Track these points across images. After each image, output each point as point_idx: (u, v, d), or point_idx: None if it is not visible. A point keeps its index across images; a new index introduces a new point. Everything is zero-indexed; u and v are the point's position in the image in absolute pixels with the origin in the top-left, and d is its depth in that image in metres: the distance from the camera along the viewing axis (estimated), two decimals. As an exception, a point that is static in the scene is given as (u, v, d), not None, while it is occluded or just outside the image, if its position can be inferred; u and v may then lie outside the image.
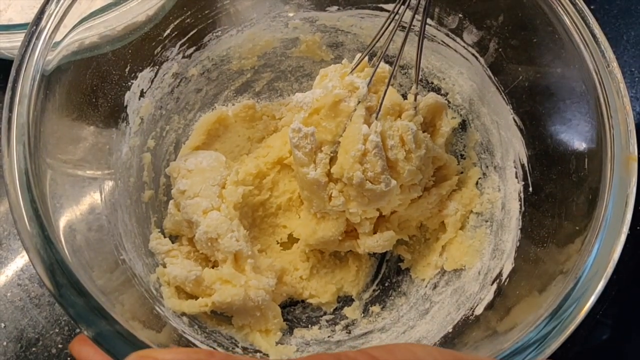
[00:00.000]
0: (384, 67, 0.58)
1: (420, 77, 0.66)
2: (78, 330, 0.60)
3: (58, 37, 0.47)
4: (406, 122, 0.56)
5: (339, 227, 0.61)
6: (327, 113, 0.56)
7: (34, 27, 0.46)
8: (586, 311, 0.40)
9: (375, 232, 0.63)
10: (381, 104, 0.55)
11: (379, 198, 0.56)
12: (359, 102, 0.55)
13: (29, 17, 0.70)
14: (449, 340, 0.53)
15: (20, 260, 0.65)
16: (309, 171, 0.56)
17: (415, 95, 0.57)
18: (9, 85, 0.44)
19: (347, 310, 0.63)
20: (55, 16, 0.47)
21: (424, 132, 0.58)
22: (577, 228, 0.46)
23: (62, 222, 0.45)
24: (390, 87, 0.56)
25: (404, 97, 0.69)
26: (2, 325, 0.62)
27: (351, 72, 0.58)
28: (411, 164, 0.56)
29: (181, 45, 0.62)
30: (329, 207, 0.58)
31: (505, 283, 0.54)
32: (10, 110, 0.43)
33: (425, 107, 0.58)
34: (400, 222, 0.64)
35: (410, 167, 0.56)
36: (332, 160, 0.57)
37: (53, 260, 0.39)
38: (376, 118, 0.55)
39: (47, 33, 0.47)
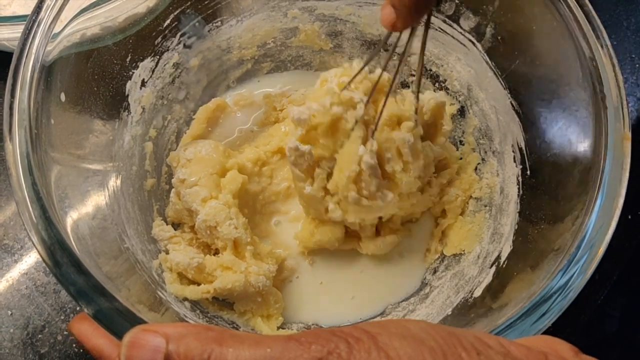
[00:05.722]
0: (382, 77, 0.56)
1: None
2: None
3: (57, 28, 0.48)
4: (402, 135, 0.53)
5: (336, 233, 0.61)
6: (324, 131, 0.55)
7: (34, 17, 0.47)
8: (580, 286, 0.41)
9: (378, 232, 0.63)
10: (379, 119, 0.53)
11: (376, 211, 0.56)
12: (356, 121, 0.53)
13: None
14: (447, 322, 0.54)
15: (26, 250, 0.66)
16: (306, 186, 0.57)
17: (417, 108, 0.55)
18: (10, 73, 0.45)
19: (348, 296, 0.64)
20: (54, 7, 0.48)
21: (426, 132, 0.57)
22: (572, 208, 0.47)
23: (67, 211, 0.46)
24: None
25: (404, 84, 0.69)
26: (9, 312, 0.63)
27: (350, 81, 0.55)
28: (409, 174, 0.55)
29: (181, 36, 0.63)
30: (326, 218, 0.59)
31: (504, 265, 0.54)
32: (12, 96, 0.43)
33: (428, 112, 0.58)
34: (403, 218, 0.64)
35: (408, 179, 0.55)
36: (330, 174, 0.56)
37: (54, 241, 0.40)
38: (371, 136, 0.53)
39: (47, 24, 0.47)
